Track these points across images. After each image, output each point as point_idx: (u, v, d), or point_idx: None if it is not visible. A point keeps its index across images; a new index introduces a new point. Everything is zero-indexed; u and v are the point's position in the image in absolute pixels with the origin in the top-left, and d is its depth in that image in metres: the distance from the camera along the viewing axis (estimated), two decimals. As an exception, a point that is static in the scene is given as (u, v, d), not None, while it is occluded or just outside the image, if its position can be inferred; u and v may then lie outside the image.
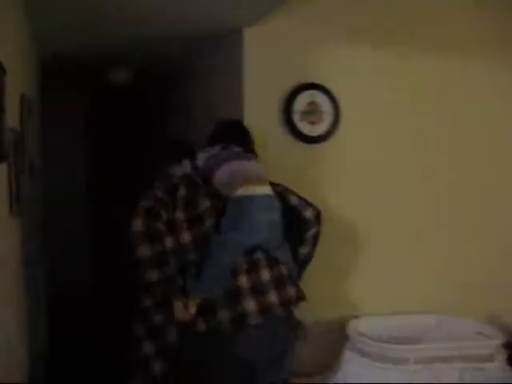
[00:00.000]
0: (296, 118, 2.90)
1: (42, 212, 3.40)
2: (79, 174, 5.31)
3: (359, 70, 3.07)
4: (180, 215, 2.23)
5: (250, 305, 2.16)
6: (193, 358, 2.27)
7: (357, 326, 2.77)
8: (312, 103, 2.93)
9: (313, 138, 2.95)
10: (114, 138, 5.32)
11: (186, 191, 2.27)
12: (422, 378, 2.50)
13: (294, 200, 2.46)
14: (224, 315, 2.14)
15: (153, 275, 2.15)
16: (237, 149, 2.38)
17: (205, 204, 2.26)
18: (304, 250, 2.50)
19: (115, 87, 3.90)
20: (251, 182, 2.28)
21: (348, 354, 2.69)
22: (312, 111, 2.93)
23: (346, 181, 3.06)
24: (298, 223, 2.47)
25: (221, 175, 2.29)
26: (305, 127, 2.92)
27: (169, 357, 2.45)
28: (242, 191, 2.23)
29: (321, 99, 2.95)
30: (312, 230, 2.48)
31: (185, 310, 2.15)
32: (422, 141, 3.21)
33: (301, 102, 2.91)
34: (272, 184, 2.34)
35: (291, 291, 2.29)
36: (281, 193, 2.40)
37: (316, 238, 2.50)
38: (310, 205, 2.48)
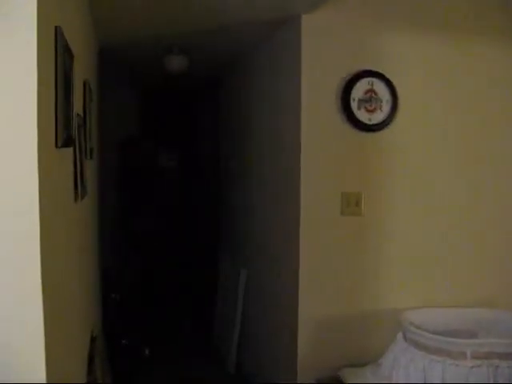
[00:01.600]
0: (354, 105, 2.86)
1: (98, 196, 3.47)
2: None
3: (418, 59, 2.99)
4: None
5: None
6: None
7: (411, 318, 2.73)
8: (370, 91, 2.88)
9: (370, 126, 2.90)
10: (168, 124, 5.38)
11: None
12: (480, 374, 2.44)
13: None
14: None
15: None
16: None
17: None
18: None
19: (170, 74, 3.93)
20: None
21: (401, 345, 2.65)
22: (370, 99, 2.88)
23: (402, 170, 3.01)
24: None
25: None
26: (362, 115, 2.87)
27: None
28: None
29: (379, 87, 2.89)
30: None
31: None
32: (482, 134, 3.11)
33: (359, 90, 2.86)
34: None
35: None
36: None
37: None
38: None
